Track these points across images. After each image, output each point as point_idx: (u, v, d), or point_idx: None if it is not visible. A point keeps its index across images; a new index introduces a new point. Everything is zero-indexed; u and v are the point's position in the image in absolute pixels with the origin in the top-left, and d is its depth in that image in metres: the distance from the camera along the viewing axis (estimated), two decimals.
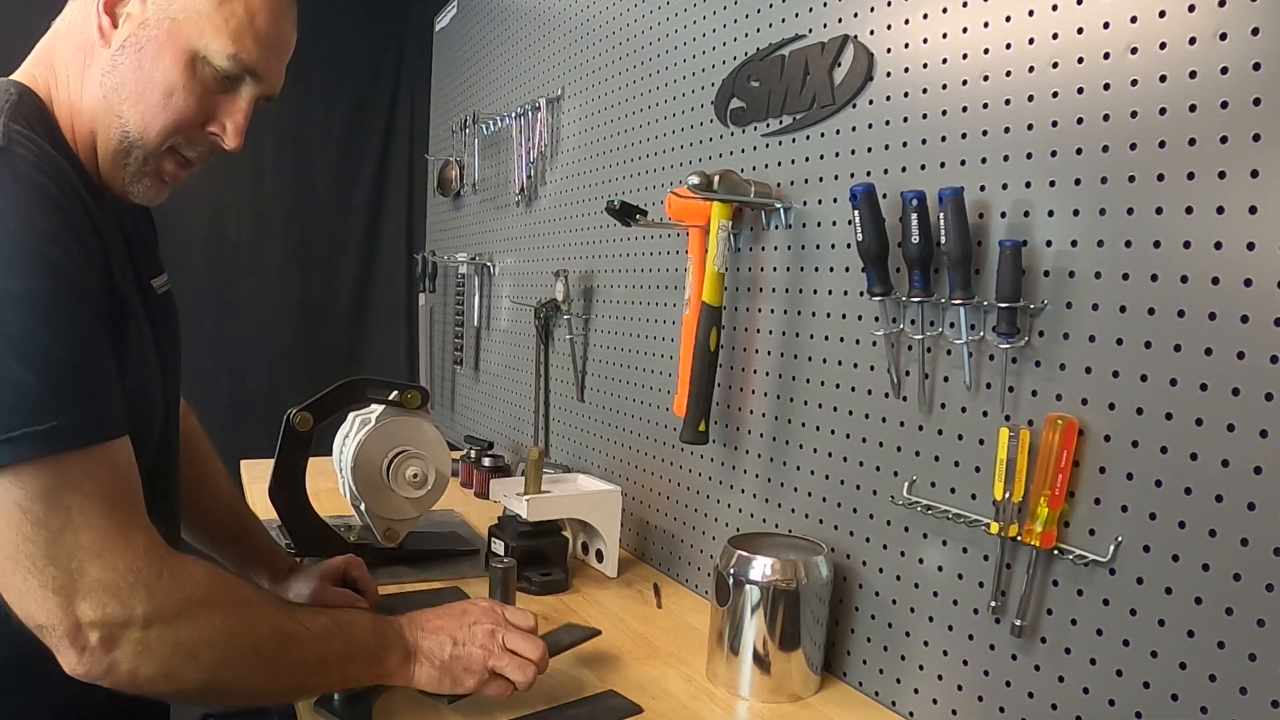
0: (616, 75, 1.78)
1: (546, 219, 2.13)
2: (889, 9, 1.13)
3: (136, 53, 0.84)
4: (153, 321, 0.95)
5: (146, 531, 0.79)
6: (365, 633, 0.93)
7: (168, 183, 0.91)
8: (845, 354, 1.20)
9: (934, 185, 1.02)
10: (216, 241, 3.04)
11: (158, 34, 0.84)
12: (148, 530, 0.79)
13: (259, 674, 0.83)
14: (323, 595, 1.24)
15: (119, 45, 0.84)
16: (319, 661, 0.87)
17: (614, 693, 1.11)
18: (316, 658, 0.87)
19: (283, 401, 1.54)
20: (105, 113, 0.85)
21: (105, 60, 0.84)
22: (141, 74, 0.84)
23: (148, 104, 0.85)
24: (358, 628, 0.92)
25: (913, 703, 1.10)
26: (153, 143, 0.87)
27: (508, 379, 2.38)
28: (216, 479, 1.26)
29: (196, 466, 1.22)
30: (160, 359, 0.96)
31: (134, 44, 0.84)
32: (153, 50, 0.84)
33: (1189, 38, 0.81)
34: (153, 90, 0.85)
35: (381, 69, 3.29)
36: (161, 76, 0.84)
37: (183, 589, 0.78)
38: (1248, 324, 0.76)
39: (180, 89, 0.85)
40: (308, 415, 1.46)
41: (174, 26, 0.84)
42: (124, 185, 0.89)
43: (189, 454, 1.18)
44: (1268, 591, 0.75)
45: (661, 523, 1.63)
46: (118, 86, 0.84)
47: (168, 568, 0.78)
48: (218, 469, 1.27)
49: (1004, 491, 0.95)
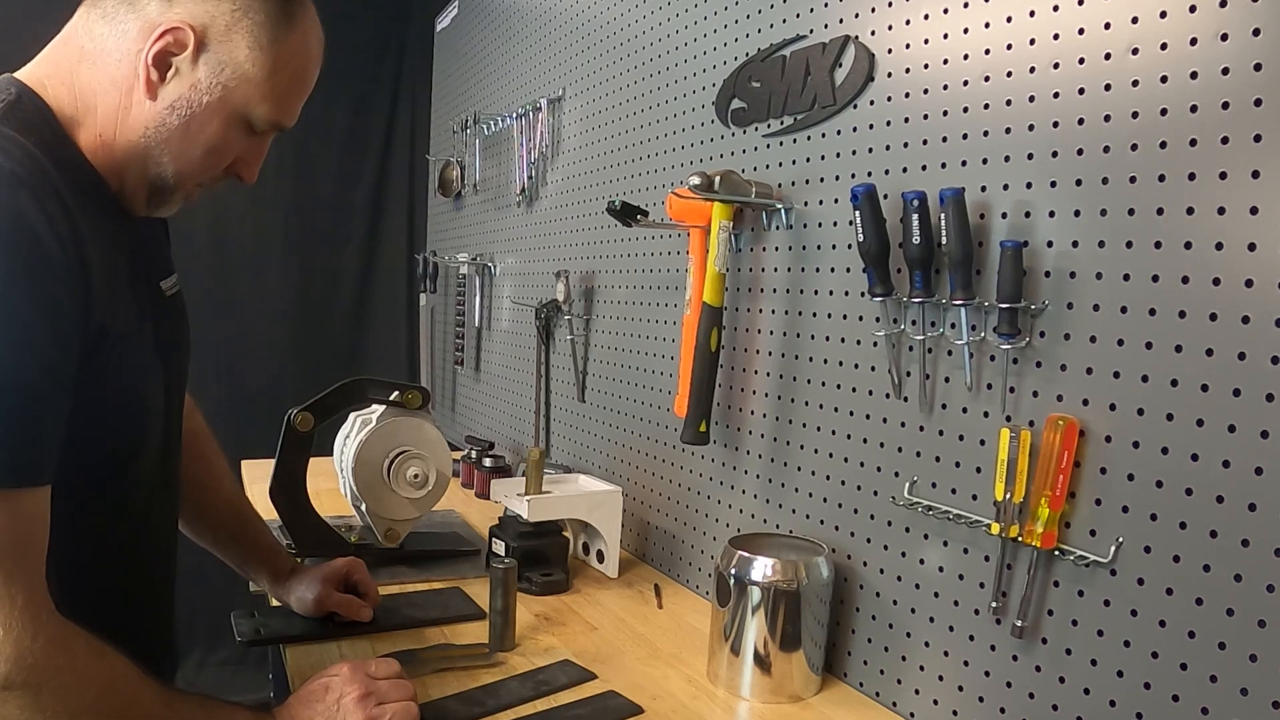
0: (617, 76, 1.79)
1: (547, 219, 2.13)
2: (890, 9, 1.13)
3: (186, 119, 0.85)
4: (158, 323, 0.95)
5: (31, 591, 0.74)
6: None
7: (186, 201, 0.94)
8: (846, 354, 1.20)
9: (935, 186, 1.02)
10: (218, 242, 3.04)
11: (210, 100, 0.85)
12: (33, 590, 0.74)
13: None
14: (326, 600, 1.25)
15: (168, 104, 0.84)
16: None
17: (614, 693, 1.11)
18: None
19: (283, 401, 1.54)
20: (142, 156, 0.86)
21: (151, 114, 0.84)
22: (189, 135, 0.86)
23: (189, 159, 0.87)
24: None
25: (913, 703, 1.10)
26: (187, 186, 0.90)
27: (508, 379, 2.38)
28: (220, 478, 1.26)
29: (200, 465, 1.21)
30: (162, 360, 0.95)
31: (184, 106, 0.84)
32: (203, 118, 0.85)
33: (1190, 38, 0.81)
34: (196, 148, 0.87)
35: (382, 70, 3.29)
36: (207, 138, 0.86)
37: (55, 658, 0.74)
38: (1249, 325, 0.76)
39: (221, 149, 0.88)
40: (309, 415, 1.46)
41: (226, 93, 0.85)
42: (146, 207, 0.91)
43: (193, 452, 1.17)
44: (1269, 592, 0.75)
45: (662, 523, 1.63)
46: (164, 142, 0.85)
47: (44, 632, 0.74)
48: (222, 468, 1.27)
49: (1005, 492, 0.95)
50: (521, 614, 1.30)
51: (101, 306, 0.81)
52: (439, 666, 1.14)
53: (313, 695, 0.95)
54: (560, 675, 1.15)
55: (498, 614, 1.23)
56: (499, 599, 1.23)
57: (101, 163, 0.86)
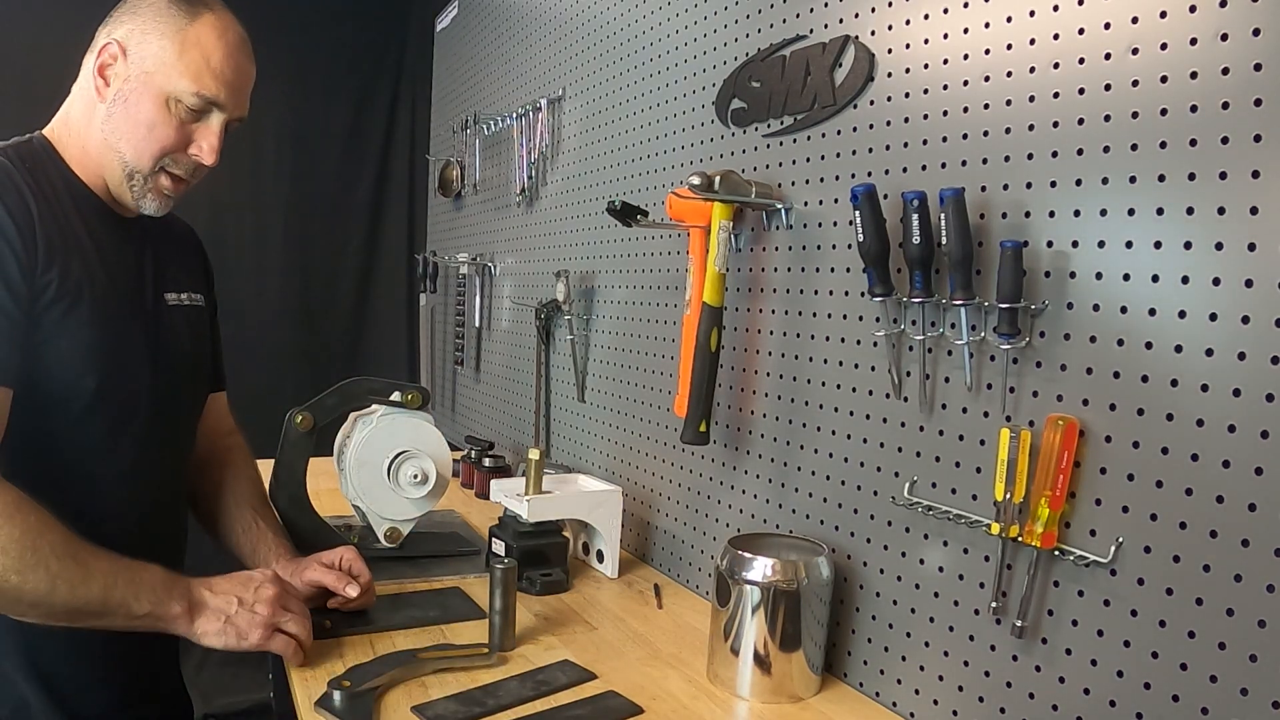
0: (617, 75, 1.79)
1: (547, 219, 2.13)
2: (890, 9, 1.13)
3: (124, 103, 1.08)
4: (151, 325, 1.17)
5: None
6: (153, 578, 1.03)
7: (169, 196, 1.14)
8: (846, 355, 1.20)
9: (935, 186, 1.01)
10: (217, 242, 3.01)
11: (138, 86, 1.08)
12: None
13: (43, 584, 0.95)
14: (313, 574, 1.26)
15: (111, 99, 1.08)
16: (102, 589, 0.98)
17: (614, 693, 1.11)
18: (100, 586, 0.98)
19: (283, 402, 1.54)
20: (107, 151, 1.10)
21: (103, 113, 1.09)
22: (129, 118, 1.08)
23: (137, 139, 1.09)
24: (146, 573, 1.03)
25: (913, 703, 1.10)
26: (146, 167, 1.10)
27: (508, 379, 2.38)
28: (242, 485, 1.37)
29: (227, 472, 1.37)
30: (152, 357, 1.16)
31: (121, 96, 1.08)
32: (135, 99, 1.08)
33: (1190, 38, 0.81)
34: (139, 128, 1.08)
35: (382, 70, 3.30)
36: (144, 116, 1.08)
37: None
38: (1248, 325, 0.76)
39: (160, 123, 1.08)
40: (309, 415, 1.46)
41: (148, 78, 1.07)
42: (134, 202, 1.13)
43: (219, 459, 1.37)
44: (1269, 592, 0.75)
45: (662, 523, 1.63)
46: (114, 130, 1.09)
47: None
48: (248, 476, 1.39)
49: (1005, 492, 0.95)
50: (521, 614, 1.30)
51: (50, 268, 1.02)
52: (439, 666, 1.14)
53: (237, 579, 1.11)
54: (560, 675, 1.15)
55: (498, 614, 1.23)
56: (499, 599, 1.22)
57: (89, 173, 1.12)
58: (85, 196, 1.12)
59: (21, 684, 1.08)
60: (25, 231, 1.01)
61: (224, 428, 1.42)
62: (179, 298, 1.25)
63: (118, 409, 1.12)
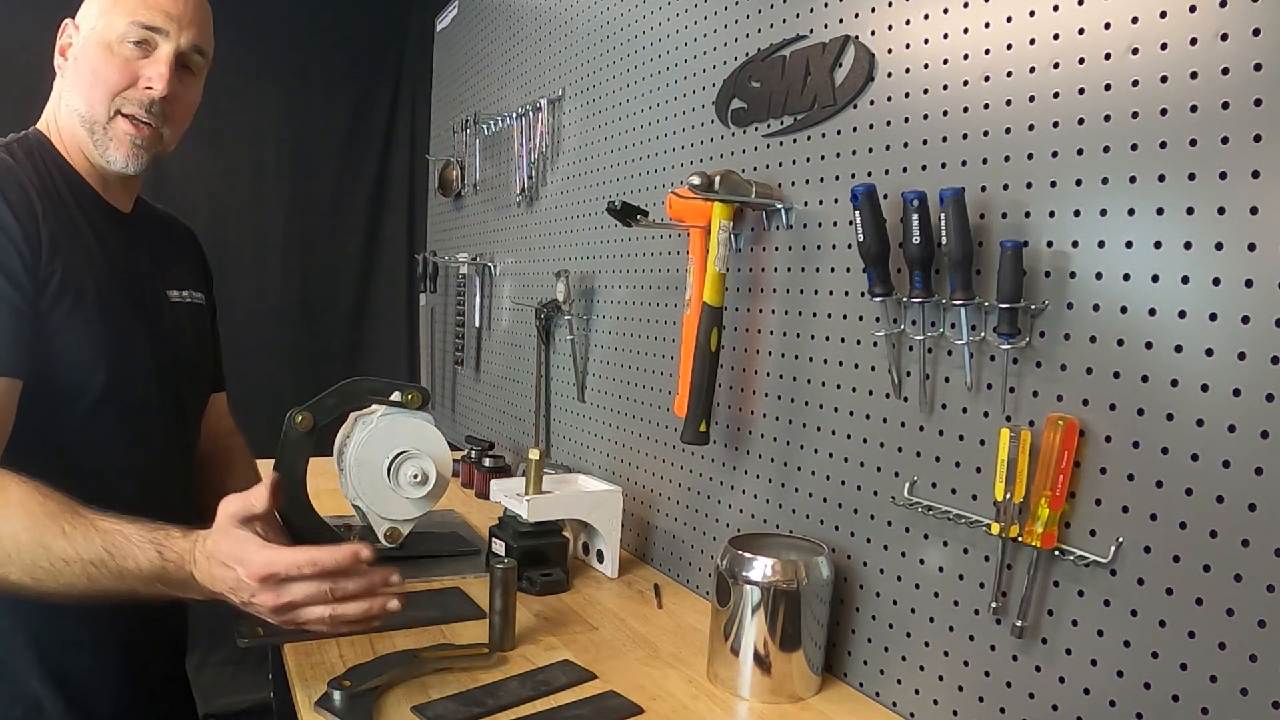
0: (617, 75, 1.78)
1: (547, 219, 2.13)
2: (890, 9, 1.13)
3: (75, 65, 1.11)
4: (153, 322, 1.16)
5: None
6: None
7: (137, 145, 1.11)
8: (846, 354, 1.20)
9: (935, 186, 1.01)
10: (217, 242, 3.01)
11: (86, 47, 1.09)
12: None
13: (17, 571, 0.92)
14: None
15: (67, 70, 1.12)
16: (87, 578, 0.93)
17: (614, 693, 1.11)
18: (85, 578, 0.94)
19: (283, 402, 1.54)
20: (69, 116, 1.11)
21: (63, 84, 1.13)
22: (79, 75, 1.10)
23: (86, 88, 1.09)
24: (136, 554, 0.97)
25: (913, 703, 1.10)
26: (100, 113, 1.09)
27: (508, 379, 2.38)
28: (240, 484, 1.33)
29: (228, 472, 1.37)
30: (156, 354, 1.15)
31: (73, 61, 1.11)
32: (84, 56, 1.10)
33: (1190, 38, 0.81)
34: (87, 77, 1.09)
35: (382, 69, 3.29)
36: (89, 66, 1.09)
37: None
38: (1248, 325, 0.76)
39: (103, 65, 1.08)
40: (309, 415, 1.46)
41: (92, 34, 1.09)
42: (103, 159, 1.10)
43: (219, 460, 1.37)
44: (1268, 592, 0.75)
45: (662, 523, 1.63)
46: (70, 92, 1.11)
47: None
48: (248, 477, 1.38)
49: (1005, 492, 0.95)
50: (521, 614, 1.30)
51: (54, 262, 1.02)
52: (439, 666, 1.14)
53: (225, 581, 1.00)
54: (560, 675, 1.15)
55: (498, 614, 1.23)
56: (499, 599, 1.22)
57: (76, 157, 1.12)
58: (82, 189, 1.12)
59: (35, 684, 1.06)
60: (28, 226, 1.01)
61: (224, 428, 1.42)
62: (181, 295, 1.24)
63: (124, 406, 1.11)
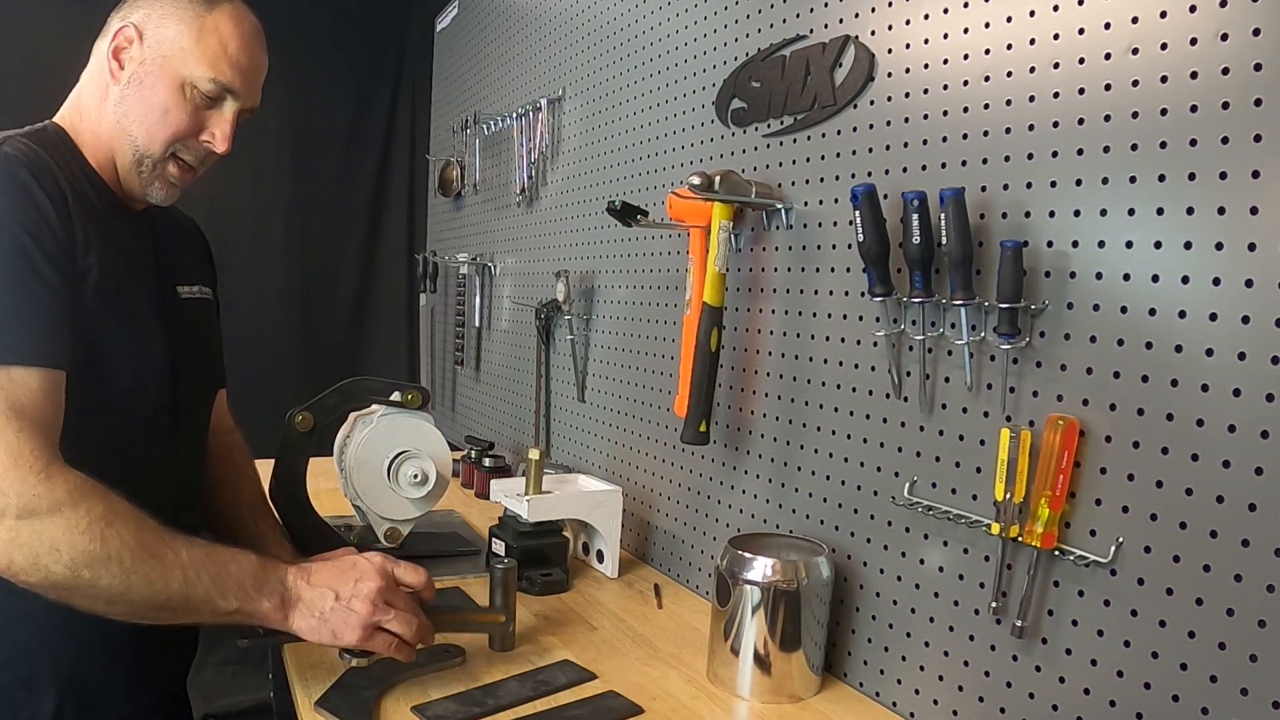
0: (617, 75, 1.79)
1: (547, 219, 2.13)
2: (890, 9, 1.13)
3: (139, 86, 1.07)
4: (168, 319, 1.14)
5: (36, 440, 0.88)
6: (241, 572, 0.97)
7: (175, 185, 1.12)
8: (846, 354, 1.20)
9: (935, 186, 1.02)
10: (218, 242, 2.98)
11: (153, 69, 1.06)
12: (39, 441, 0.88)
13: (116, 580, 0.89)
14: None
15: (125, 82, 1.07)
16: (183, 585, 0.93)
17: (614, 693, 1.11)
18: (180, 582, 0.93)
19: (283, 401, 1.54)
20: (119, 134, 1.08)
21: (116, 95, 1.07)
22: (143, 101, 1.07)
23: (150, 122, 1.07)
24: (235, 566, 0.97)
25: (913, 703, 1.10)
26: (157, 152, 1.08)
27: (508, 379, 2.38)
28: (242, 483, 1.37)
29: (227, 470, 1.36)
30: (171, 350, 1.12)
31: (136, 79, 1.07)
32: (150, 82, 1.06)
33: (1190, 38, 0.81)
34: (153, 111, 1.07)
35: (382, 69, 3.29)
36: (159, 100, 1.06)
37: (56, 490, 0.87)
38: (1249, 325, 0.76)
39: (174, 108, 1.07)
40: (309, 415, 1.46)
41: (165, 62, 1.06)
42: (141, 190, 1.10)
43: (222, 457, 1.36)
44: (1269, 592, 0.75)
45: (662, 523, 1.63)
46: (127, 113, 1.07)
47: (49, 470, 0.88)
48: (247, 475, 1.39)
49: (1005, 492, 0.95)
50: (521, 614, 1.30)
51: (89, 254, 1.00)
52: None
53: (339, 565, 1.05)
54: (560, 675, 1.15)
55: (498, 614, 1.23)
56: (499, 599, 1.23)
57: (101, 160, 1.09)
58: (100, 186, 1.10)
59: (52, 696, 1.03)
60: (64, 217, 0.99)
61: (223, 426, 1.42)
62: (190, 290, 1.23)
63: (144, 404, 1.10)
